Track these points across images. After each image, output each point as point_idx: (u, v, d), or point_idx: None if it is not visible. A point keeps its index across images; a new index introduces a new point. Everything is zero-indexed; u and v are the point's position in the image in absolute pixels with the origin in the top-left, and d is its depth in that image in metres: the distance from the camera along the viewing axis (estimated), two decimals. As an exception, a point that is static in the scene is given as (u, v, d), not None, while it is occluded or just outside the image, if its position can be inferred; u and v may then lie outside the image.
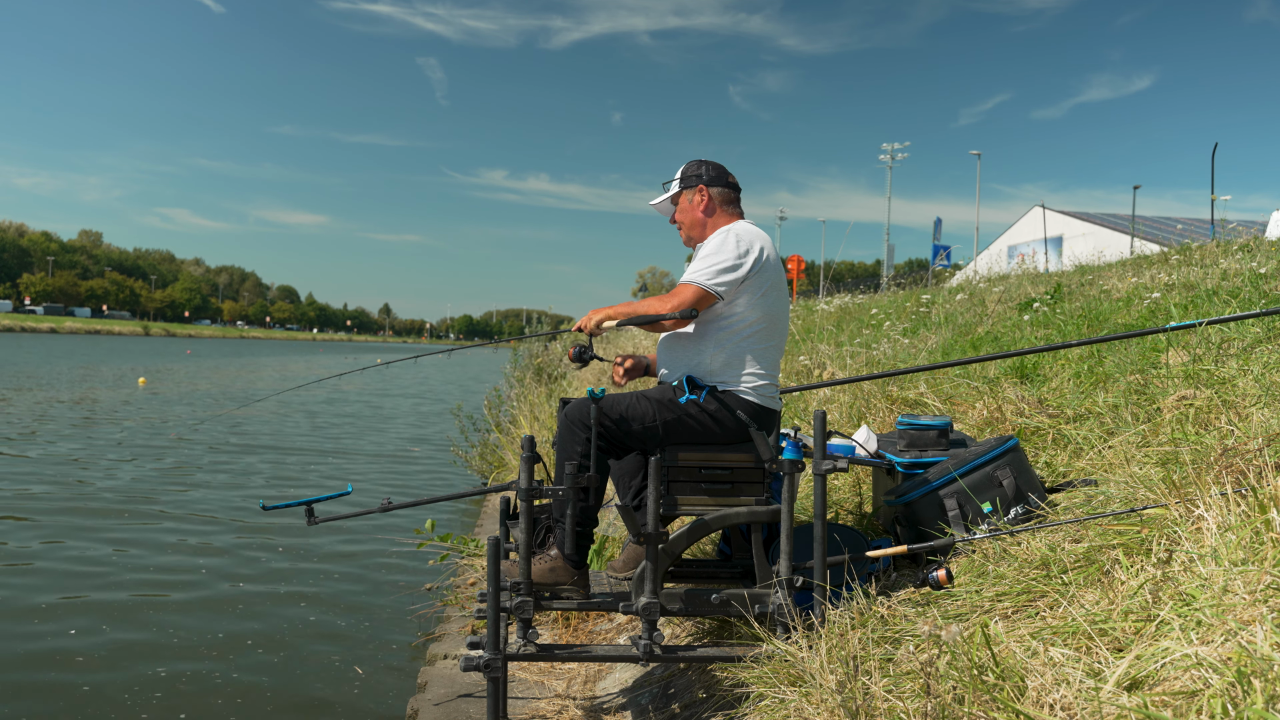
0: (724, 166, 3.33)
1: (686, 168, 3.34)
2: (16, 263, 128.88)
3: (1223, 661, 1.72)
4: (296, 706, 4.29)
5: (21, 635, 5.04)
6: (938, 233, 37.08)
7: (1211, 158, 19.70)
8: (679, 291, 3.02)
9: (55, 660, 4.72)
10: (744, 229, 3.15)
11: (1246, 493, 2.31)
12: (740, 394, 3.05)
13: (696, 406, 3.01)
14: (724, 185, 3.29)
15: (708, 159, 3.36)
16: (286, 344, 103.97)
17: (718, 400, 3.03)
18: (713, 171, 3.30)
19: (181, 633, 5.16)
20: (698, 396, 3.02)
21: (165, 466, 10.65)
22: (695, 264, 3.09)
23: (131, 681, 4.48)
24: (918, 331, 8.45)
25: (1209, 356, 4.03)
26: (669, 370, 3.18)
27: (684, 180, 3.32)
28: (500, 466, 8.98)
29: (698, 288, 3.01)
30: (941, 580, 2.83)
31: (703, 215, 3.28)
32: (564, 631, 4.38)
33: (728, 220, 3.27)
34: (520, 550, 2.93)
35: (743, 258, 3.05)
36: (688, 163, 3.36)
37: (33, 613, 5.40)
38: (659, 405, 3.02)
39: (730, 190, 3.30)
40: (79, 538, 7.14)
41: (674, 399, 3.03)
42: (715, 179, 3.29)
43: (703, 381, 3.06)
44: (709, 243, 3.14)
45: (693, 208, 3.28)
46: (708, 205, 3.27)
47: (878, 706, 2.12)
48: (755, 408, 3.06)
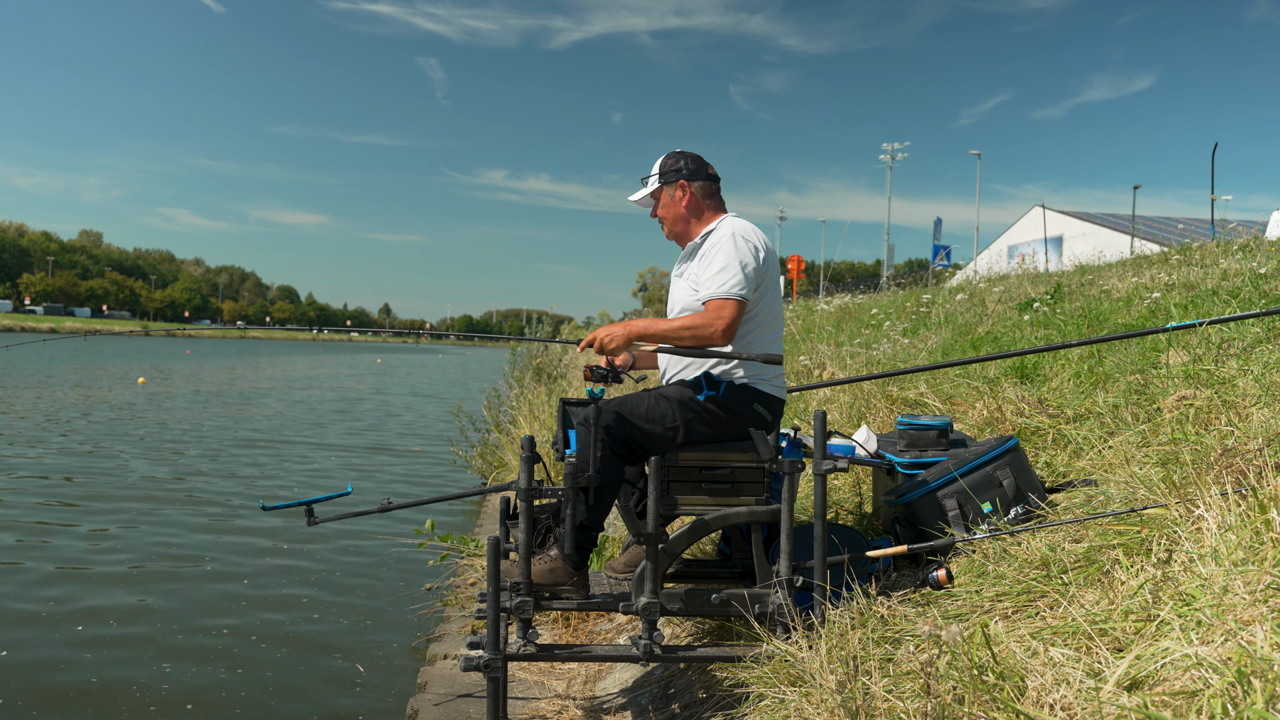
0: (701, 157, 3.29)
1: (664, 161, 3.28)
2: (16, 263, 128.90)
3: (1223, 661, 1.72)
4: (297, 705, 4.29)
5: (28, 632, 5.06)
6: (938, 233, 37.06)
7: (1211, 158, 19.72)
8: (720, 311, 2.95)
9: (63, 656, 4.74)
10: (742, 227, 3.14)
11: (1246, 493, 2.31)
12: (756, 386, 3.07)
13: (715, 403, 3.03)
14: (704, 178, 3.26)
15: (685, 150, 3.31)
16: (286, 344, 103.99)
17: (736, 394, 3.04)
18: (692, 164, 3.25)
19: (184, 631, 5.17)
20: (715, 392, 3.03)
21: (165, 466, 10.65)
22: (714, 274, 3.01)
23: (139, 675, 4.53)
24: (918, 331, 8.45)
25: (1209, 356, 4.03)
26: (679, 368, 3.18)
27: (663, 176, 3.26)
28: (500, 466, 8.98)
29: (737, 302, 2.97)
30: (941, 580, 2.83)
31: (685, 212, 3.25)
32: (564, 631, 4.38)
33: (713, 215, 3.26)
34: (520, 550, 2.93)
35: (754, 259, 3.05)
36: (665, 156, 3.30)
37: (37, 609, 5.40)
38: (679, 404, 3.02)
39: (711, 182, 3.28)
40: (80, 537, 7.14)
41: (693, 396, 3.03)
42: (695, 172, 3.25)
43: (720, 377, 3.06)
44: (715, 248, 3.09)
45: (675, 204, 3.25)
46: (690, 202, 3.24)
47: (878, 706, 2.12)
48: (769, 398, 3.10)
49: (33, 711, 4.13)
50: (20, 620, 5.28)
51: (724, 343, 2.98)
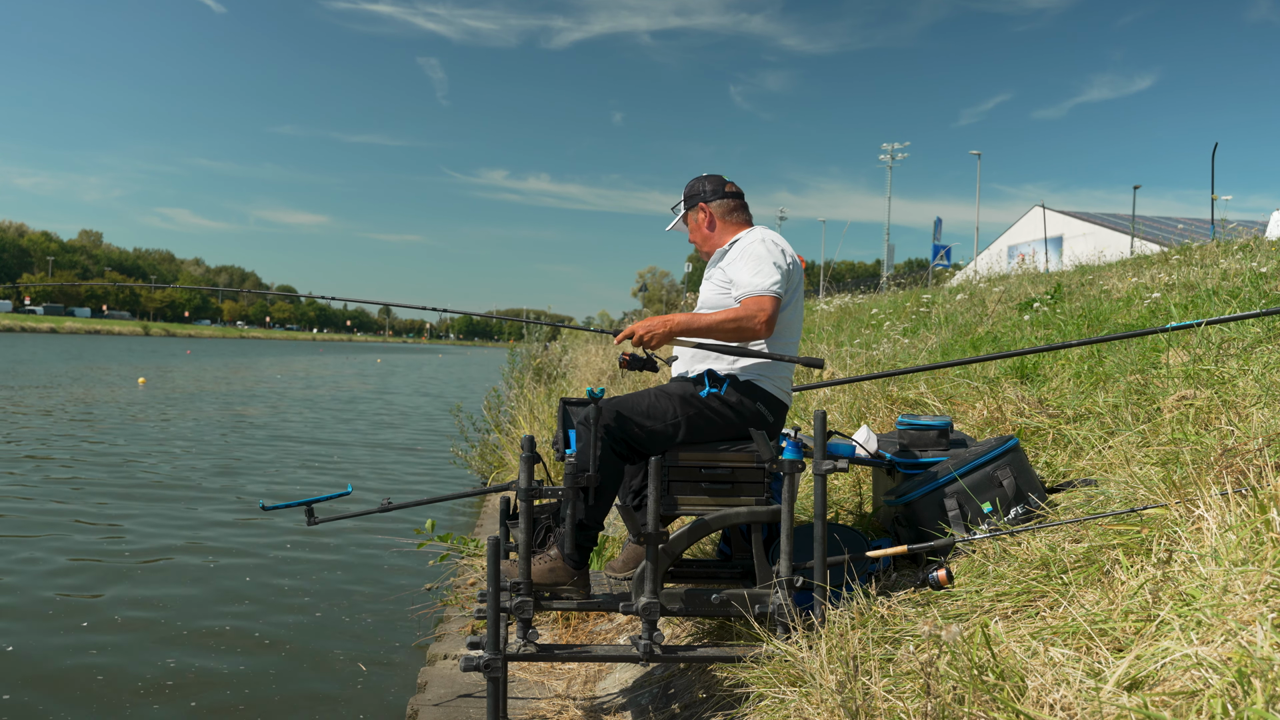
0: (720, 176, 3.39)
1: (688, 187, 3.41)
2: (16, 263, 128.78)
3: (1223, 661, 1.72)
4: (297, 705, 4.29)
5: (32, 625, 5.09)
6: (938, 233, 37.03)
7: (1212, 158, 19.72)
8: (760, 304, 2.99)
9: (69, 651, 4.77)
10: (769, 234, 3.23)
11: (1246, 493, 2.31)
12: (760, 385, 3.09)
13: (718, 400, 3.03)
14: (722, 196, 3.35)
15: (707, 174, 3.42)
16: (287, 344, 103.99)
17: (739, 392, 3.05)
18: (709, 185, 3.36)
19: (185, 630, 5.17)
20: (718, 389, 3.04)
21: (166, 465, 10.65)
22: (750, 273, 3.05)
23: (140, 673, 4.58)
24: (918, 331, 8.45)
25: (1209, 356, 4.03)
26: (685, 363, 3.19)
27: (687, 201, 3.40)
28: (500, 466, 8.98)
29: (774, 298, 3.02)
30: (941, 580, 2.84)
31: (708, 231, 3.36)
32: (564, 631, 4.38)
33: (735, 228, 3.33)
34: (520, 550, 2.93)
35: (784, 260, 3.12)
36: (689, 182, 3.43)
37: (44, 606, 5.41)
38: (681, 400, 3.02)
39: (730, 199, 3.35)
40: (82, 535, 7.14)
41: (695, 393, 3.04)
42: (713, 192, 3.35)
43: (723, 374, 3.07)
44: (745, 251, 3.13)
45: (699, 226, 3.38)
46: (709, 221, 3.35)
47: (878, 706, 2.12)
48: (773, 400, 3.11)
49: (38, 706, 4.15)
50: (25, 614, 5.29)
51: (766, 334, 3.03)
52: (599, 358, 13.51)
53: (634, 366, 3.19)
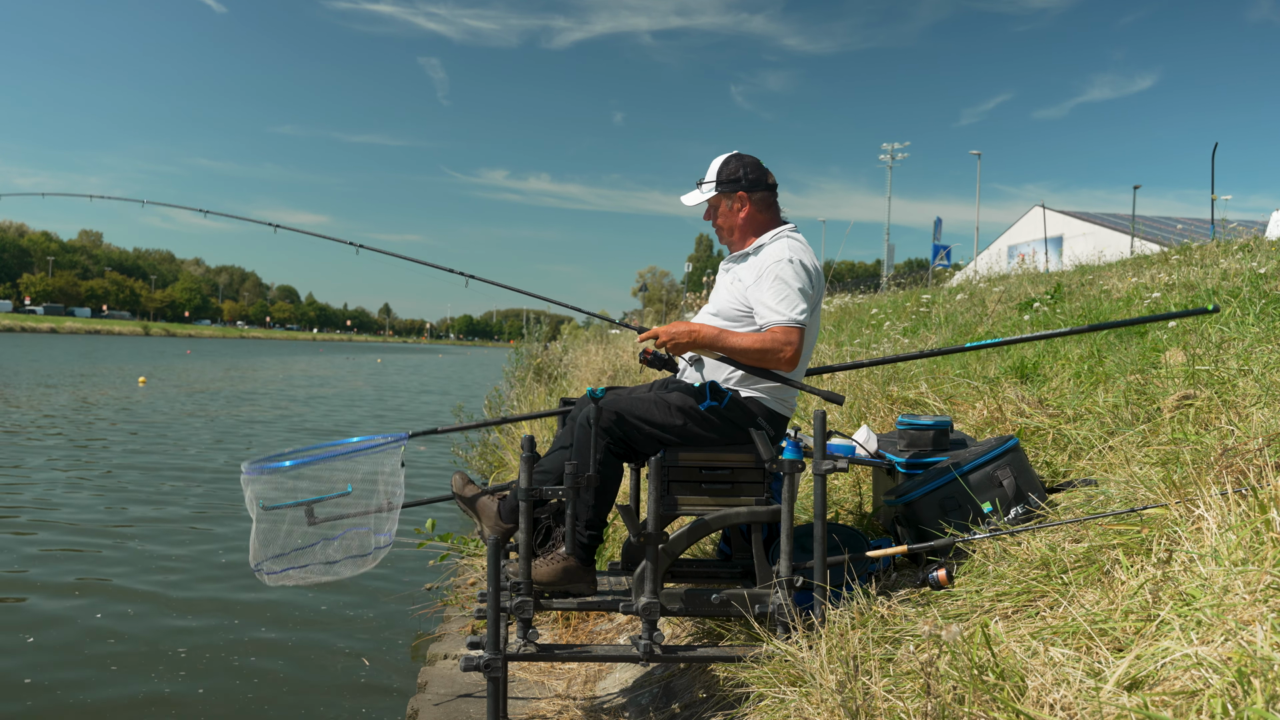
0: (760, 162, 3.17)
1: (723, 169, 3.17)
2: (16, 263, 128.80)
3: (1223, 661, 1.72)
4: (297, 705, 4.29)
5: (43, 627, 5.09)
6: (938, 233, 37.05)
7: (1212, 158, 19.74)
8: (788, 337, 2.93)
9: (81, 644, 4.83)
10: (797, 249, 3.07)
11: (1246, 493, 2.31)
12: (762, 402, 3.07)
13: (716, 414, 3.01)
14: (765, 189, 3.17)
15: (744, 154, 3.18)
16: (287, 344, 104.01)
17: (739, 408, 3.04)
18: (752, 174, 3.14)
19: (185, 629, 5.16)
20: (719, 403, 3.01)
21: (166, 465, 10.65)
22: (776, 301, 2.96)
23: (139, 671, 4.61)
24: (918, 331, 8.45)
25: (1209, 356, 4.03)
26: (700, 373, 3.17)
27: (723, 185, 3.16)
28: (500, 466, 8.98)
29: (800, 329, 2.96)
30: (941, 580, 2.84)
31: (743, 223, 3.17)
32: (564, 631, 4.38)
33: (767, 225, 3.18)
34: (520, 550, 2.93)
35: (810, 283, 3.04)
36: (724, 161, 3.18)
37: (51, 606, 5.42)
38: (679, 410, 3.00)
39: (770, 193, 3.19)
40: (82, 534, 7.13)
41: (694, 405, 3.02)
42: (756, 182, 3.14)
43: (726, 389, 3.05)
44: (771, 270, 3.01)
45: (732, 214, 3.17)
46: (748, 214, 3.16)
47: (878, 706, 2.12)
48: (774, 415, 3.09)
49: (60, 692, 4.18)
50: (29, 616, 5.29)
51: (790, 369, 2.99)
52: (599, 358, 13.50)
53: (654, 364, 3.18)
